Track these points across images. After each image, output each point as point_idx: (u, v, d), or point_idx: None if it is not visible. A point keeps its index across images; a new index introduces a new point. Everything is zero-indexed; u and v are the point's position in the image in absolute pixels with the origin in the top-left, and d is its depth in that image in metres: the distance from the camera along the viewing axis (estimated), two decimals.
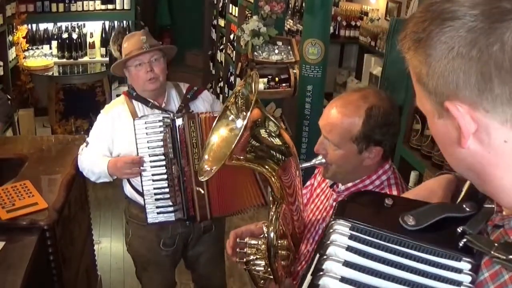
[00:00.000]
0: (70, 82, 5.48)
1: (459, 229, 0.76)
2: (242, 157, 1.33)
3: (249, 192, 2.45)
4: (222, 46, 5.80)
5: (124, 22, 5.65)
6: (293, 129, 4.37)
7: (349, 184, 1.60)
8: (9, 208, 2.28)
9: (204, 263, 2.78)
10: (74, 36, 5.52)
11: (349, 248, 0.77)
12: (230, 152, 1.24)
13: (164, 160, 2.39)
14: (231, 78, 5.26)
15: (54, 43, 5.52)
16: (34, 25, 5.44)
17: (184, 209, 2.42)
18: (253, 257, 1.58)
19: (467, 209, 0.79)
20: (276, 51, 4.40)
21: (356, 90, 1.58)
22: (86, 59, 5.59)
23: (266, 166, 1.38)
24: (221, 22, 5.85)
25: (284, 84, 4.36)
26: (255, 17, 4.31)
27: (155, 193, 2.41)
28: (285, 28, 5.18)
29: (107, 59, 5.47)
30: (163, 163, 2.39)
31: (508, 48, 0.61)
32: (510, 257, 0.67)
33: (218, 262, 2.87)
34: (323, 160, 1.57)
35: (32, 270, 2.03)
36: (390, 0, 5.26)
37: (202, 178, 1.37)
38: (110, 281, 3.58)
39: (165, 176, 2.40)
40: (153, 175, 2.40)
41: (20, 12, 5.10)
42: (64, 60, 5.52)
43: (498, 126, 0.67)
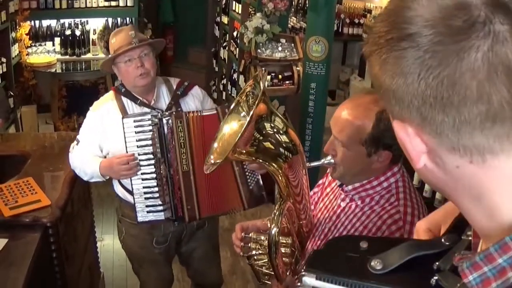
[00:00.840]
0: (73, 79, 5.49)
1: (435, 266, 0.73)
2: (245, 151, 1.33)
3: (229, 196, 2.45)
4: (225, 43, 5.79)
5: (127, 19, 5.63)
6: (296, 127, 4.36)
7: (357, 184, 1.59)
8: (12, 205, 2.28)
9: (198, 259, 2.78)
10: (77, 33, 5.51)
11: None
12: (234, 145, 1.25)
13: (153, 159, 2.36)
14: (234, 76, 5.24)
15: (57, 40, 5.51)
16: (37, 22, 5.43)
17: (173, 209, 2.41)
18: (256, 252, 1.58)
19: (446, 243, 0.76)
20: (280, 49, 4.39)
21: (368, 93, 1.58)
22: (89, 56, 5.58)
23: (273, 164, 1.38)
24: (225, 19, 5.83)
25: (288, 82, 4.35)
26: (259, 14, 4.29)
27: (145, 192, 2.38)
28: (289, 26, 5.17)
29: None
30: (152, 162, 2.36)
31: (450, 80, 0.58)
32: None
33: (213, 258, 2.86)
34: (332, 160, 1.57)
35: (35, 267, 2.03)
36: None
37: (207, 170, 1.39)
38: (113, 278, 3.58)
39: (154, 175, 2.37)
40: (143, 174, 2.37)
41: (23, 9, 5.09)
42: (67, 57, 5.51)
43: (446, 152, 0.63)
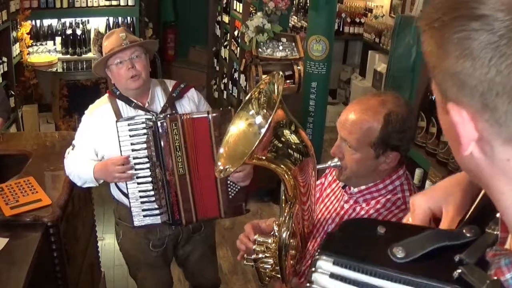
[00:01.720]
0: (74, 78, 5.48)
1: (456, 258, 0.70)
2: (264, 157, 1.34)
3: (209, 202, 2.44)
4: (226, 43, 5.78)
5: (128, 18, 5.64)
6: None
7: (362, 187, 1.60)
8: (13, 205, 2.28)
9: (195, 261, 2.76)
10: (78, 32, 5.51)
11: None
12: (251, 152, 1.26)
13: (149, 163, 2.33)
14: (235, 75, 5.25)
15: (58, 39, 5.52)
16: (38, 21, 5.44)
17: (169, 213, 2.39)
18: (262, 256, 1.57)
19: (467, 235, 0.73)
20: (281, 48, 4.39)
21: (375, 95, 1.59)
22: (90, 55, 5.58)
23: (282, 165, 1.39)
24: (226, 19, 5.83)
25: (289, 81, 4.34)
26: (260, 14, 4.29)
27: (141, 196, 2.36)
28: (290, 25, 5.17)
29: None
30: (148, 166, 2.33)
31: None
32: None
33: (210, 259, 2.84)
34: (339, 163, 1.58)
35: (36, 267, 2.03)
36: None
37: (219, 175, 1.40)
38: (114, 278, 3.59)
39: (150, 179, 2.35)
40: (138, 178, 2.34)
41: (24, 8, 5.09)
42: (68, 56, 5.51)
43: (501, 143, 0.61)
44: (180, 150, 2.31)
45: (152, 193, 2.36)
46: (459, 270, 0.68)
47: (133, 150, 2.31)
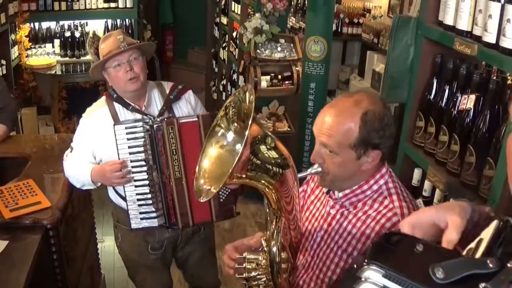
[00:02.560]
0: (73, 81, 5.48)
1: (481, 285, 0.75)
2: (244, 175, 1.30)
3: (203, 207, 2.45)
4: (225, 44, 5.79)
5: (127, 21, 5.64)
6: (296, 127, 4.37)
7: (347, 191, 1.58)
8: (12, 207, 2.28)
9: (194, 263, 2.77)
10: (77, 35, 5.52)
11: None
12: (231, 171, 1.21)
13: (146, 166, 2.34)
14: (234, 76, 5.25)
15: (57, 42, 5.52)
16: (37, 24, 5.44)
17: (166, 216, 2.40)
18: (254, 274, 1.54)
19: (490, 265, 0.77)
20: (279, 49, 4.39)
21: (348, 96, 1.56)
22: (89, 58, 5.55)
23: (262, 181, 1.34)
24: (224, 20, 5.83)
25: (287, 82, 4.35)
26: (258, 15, 4.29)
27: (138, 199, 2.37)
28: (288, 26, 5.17)
29: None
30: (145, 169, 2.34)
31: None
32: None
33: (209, 261, 2.84)
34: (319, 169, 1.55)
35: (36, 269, 2.03)
36: None
37: (202, 199, 1.33)
38: (114, 280, 3.59)
39: (147, 182, 2.36)
40: (135, 181, 2.35)
41: (23, 11, 5.10)
42: (67, 59, 5.52)
43: None
44: (177, 154, 2.32)
45: (149, 196, 2.36)
46: None
47: (131, 154, 2.32)
